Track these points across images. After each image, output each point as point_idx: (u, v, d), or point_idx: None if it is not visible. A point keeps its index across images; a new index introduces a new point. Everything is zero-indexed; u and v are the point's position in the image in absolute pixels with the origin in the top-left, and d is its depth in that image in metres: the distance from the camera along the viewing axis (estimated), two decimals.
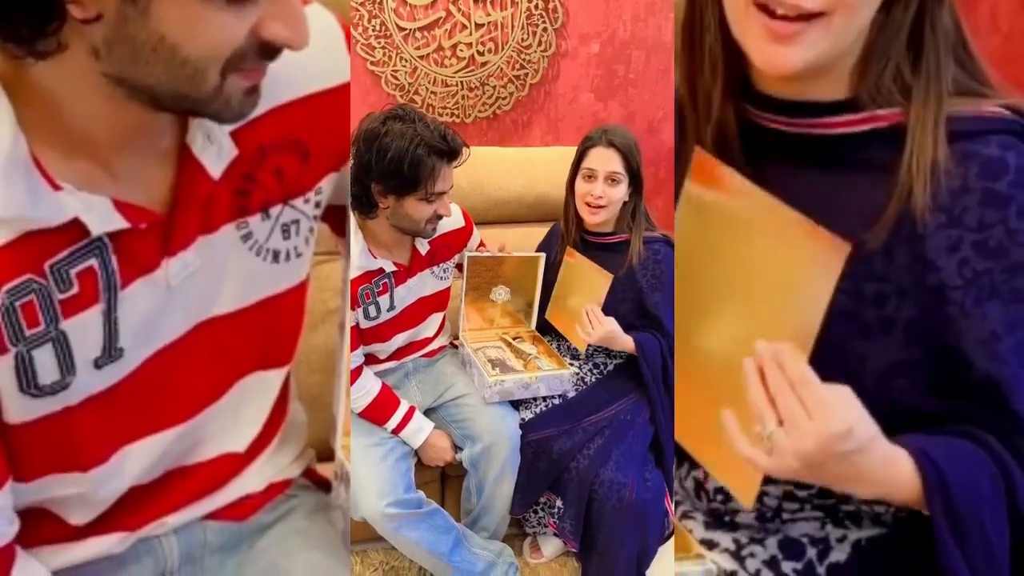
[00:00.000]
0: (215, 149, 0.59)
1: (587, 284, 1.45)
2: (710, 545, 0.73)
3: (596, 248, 1.52)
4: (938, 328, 0.56)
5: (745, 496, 0.55)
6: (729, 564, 0.71)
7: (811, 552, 0.69)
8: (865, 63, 0.58)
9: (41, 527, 0.66)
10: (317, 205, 0.70)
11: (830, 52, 0.55)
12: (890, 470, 0.54)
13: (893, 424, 0.55)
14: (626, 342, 1.41)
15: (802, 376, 0.51)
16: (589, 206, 1.46)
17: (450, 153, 1.23)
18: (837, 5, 0.52)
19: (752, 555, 0.71)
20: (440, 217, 1.31)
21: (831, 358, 0.53)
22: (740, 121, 0.64)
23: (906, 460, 0.54)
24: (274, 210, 0.66)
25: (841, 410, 0.50)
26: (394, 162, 1.17)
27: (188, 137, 0.58)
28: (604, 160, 1.42)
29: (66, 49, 0.46)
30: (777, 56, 0.54)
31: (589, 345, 1.56)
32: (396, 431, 1.38)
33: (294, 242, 0.69)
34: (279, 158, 0.64)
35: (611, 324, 1.39)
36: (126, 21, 0.45)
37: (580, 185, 1.47)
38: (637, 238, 1.46)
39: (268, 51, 0.51)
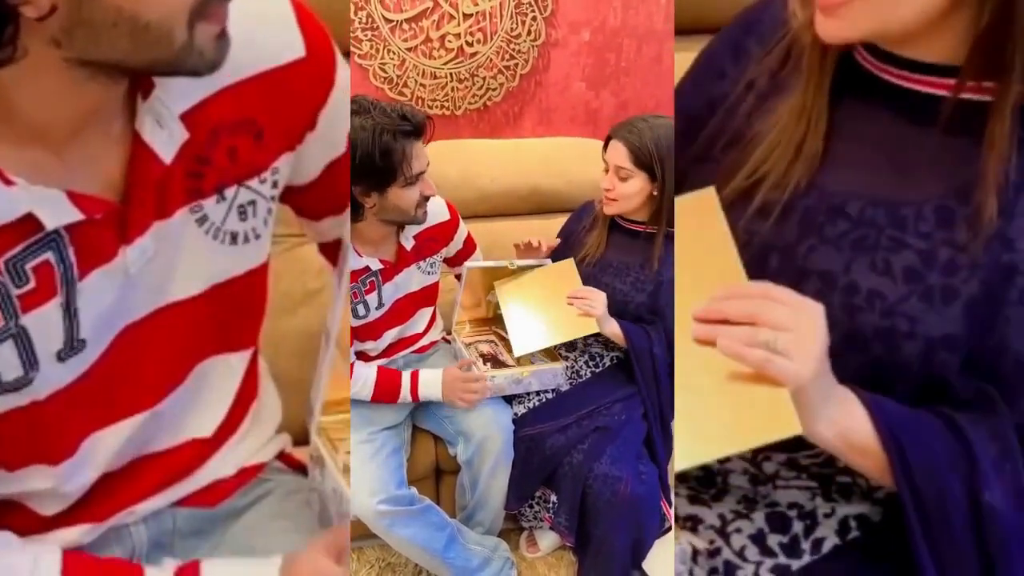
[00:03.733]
0: (165, 134, 0.58)
1: (554, 281, 1.43)
2: (694, 522, 0.72)
3: (624, 233, 1.48)
4: (993, 308, 0.55)
5: (790, 424, 0.51)
6: (714, 541, 0.70)
7: (797, 526, 0.68)
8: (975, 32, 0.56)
9: (9, 518, 0.66)
10: (274, 185, 0.70)
11: (880, 29, 0.55)
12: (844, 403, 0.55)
13: (926, 398, 0.55)
14: (611, 325, 1.38)
15: (759, 288, 0.51)
16: (606, 196, 1.43)
17: (415, 131, 1.19)
18: None
19: (738, 530, 0.70)
20: (427, 198, 1.28)
21: (885, 311, 0.55)
22: (846, 62, 0.63)
23: (856, 400, 0.55)
24: (229, 191, 0.65)
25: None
26: (364, 157, 1.14)
27: (137, 123, 0.57)
28: (613, 154, 1.39)
29: (26, 53, 0.45)
30: (823, 26, 0.56)
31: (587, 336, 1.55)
32: (414, 397, 1.36)
33: (251, 223, 0.68)
34: (232, 138, 0.63)
35: (603, 295, 1.37)
36: (80, 5, 0.44)
37: (602, 174, 1.45)
38: (660, 233, 1.41)
39: None
